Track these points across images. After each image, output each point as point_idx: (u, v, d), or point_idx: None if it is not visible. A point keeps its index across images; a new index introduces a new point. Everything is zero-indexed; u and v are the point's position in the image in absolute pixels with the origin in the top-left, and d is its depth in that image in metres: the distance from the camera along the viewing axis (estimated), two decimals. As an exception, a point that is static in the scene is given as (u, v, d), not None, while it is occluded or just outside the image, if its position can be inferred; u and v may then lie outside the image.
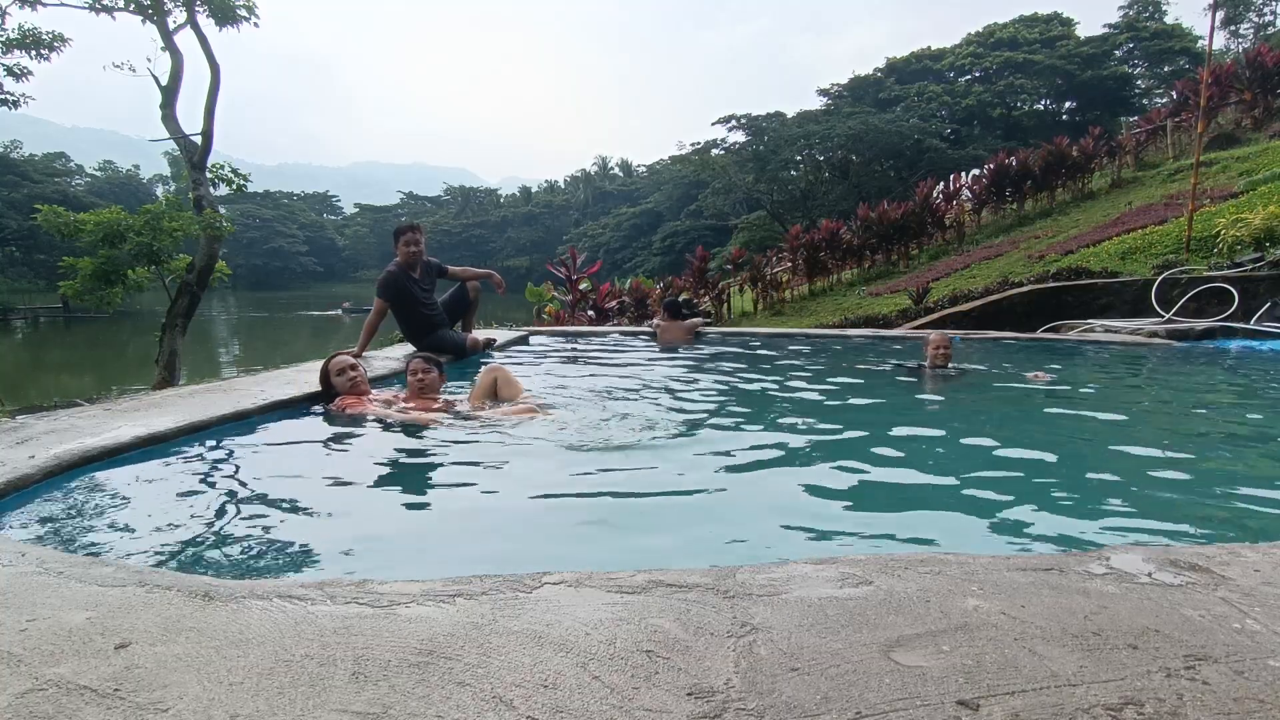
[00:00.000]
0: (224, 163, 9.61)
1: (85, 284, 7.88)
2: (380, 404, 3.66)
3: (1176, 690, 1.06)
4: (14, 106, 8.93)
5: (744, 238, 38.00)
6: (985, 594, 1.37)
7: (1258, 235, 8.55)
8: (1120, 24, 43.95)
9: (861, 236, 16.73)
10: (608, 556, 2.00)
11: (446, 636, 1.22)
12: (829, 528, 2.21)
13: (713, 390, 4.47)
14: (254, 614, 1.31)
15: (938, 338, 5.27)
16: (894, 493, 2.52)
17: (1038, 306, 8.83)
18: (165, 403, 3.44)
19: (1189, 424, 3.62)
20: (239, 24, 9.08)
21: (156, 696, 1.06)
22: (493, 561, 1.89)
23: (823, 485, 2.59)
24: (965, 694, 1.06)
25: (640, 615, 1.29)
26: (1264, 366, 5.52)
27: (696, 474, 2.71)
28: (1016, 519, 2.25)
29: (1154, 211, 12.89)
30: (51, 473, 2.37)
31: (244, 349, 25.84)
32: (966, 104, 42.18)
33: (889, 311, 11.09)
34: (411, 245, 5.60)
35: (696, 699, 1.05)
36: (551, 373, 5.38)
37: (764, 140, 40.10)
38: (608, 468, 2.77)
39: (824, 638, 1.21)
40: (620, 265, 51.92)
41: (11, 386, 14.90)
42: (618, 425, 3.41)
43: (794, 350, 6.57)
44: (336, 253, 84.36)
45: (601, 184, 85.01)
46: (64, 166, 66.93)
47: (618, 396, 4.11)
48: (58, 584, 1.46)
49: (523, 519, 2.31)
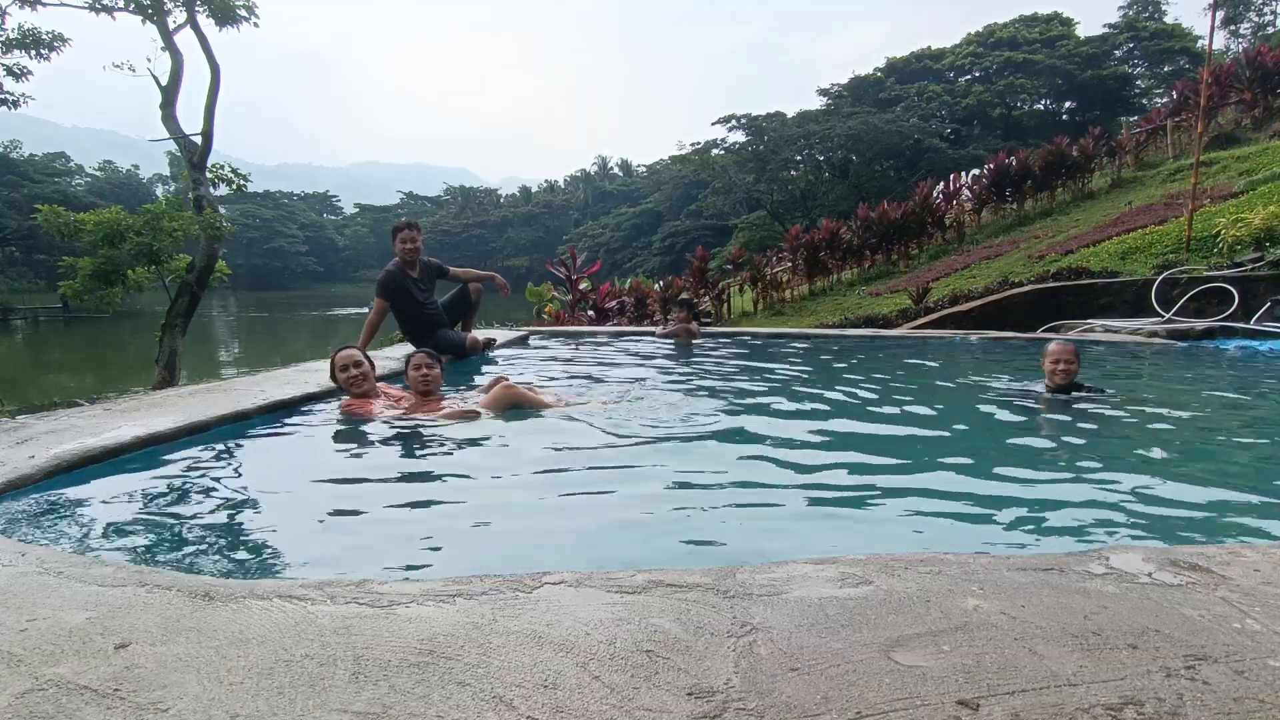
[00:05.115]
0: (224, 163, 9.60)
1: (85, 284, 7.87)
2: (381, 406, 3.66)
3: (1176, 690, 1.06)
4: (14, 106, 8.92)
5: (744, 238, 38.01)
6: (985, 594, 1.37)
7: (1258, 235, 8.55)
8: (1120, 24, 43.96)
9: (861, 236, 16.72)
10: (608, 557, 1.99)
11: (446, 636, 1.22)
12: (829, 527, 2.22)
13: (713, 390, 4.47)
14: (254, 614, 1.31)
15: (1058, 347, 3.95)
16: (894, 492, 2.52)
17: (1038, 306, 8.83)
18: (165, 403, 3.44)
19: (1189, 423, 3.62)
20: (239, 24, 9.07)
21: (156, 696, 1.06)
22: (493, 561, 1.89)
23: (823, 484, 2.59)
24: (965, 694, 1.06)
25: (640, 615, 1.29)
26: (1264, 366, 5.52)
27: (697, 473, 2.71)
28: (1016, 519, 2.25)
29: (1154, 211, 12.88)
30: (51, 473, 2.37)
31: (244, 349, 25.84)
32: (966, 104, 42.18)
33: (889, 311, 11.09)
34: (408, 242, 5.60)
35: (696, 699, 1.05)
36: (551, 372, 5.37)
37: (764, 140, 40.12)
38: (608, 467, 2.77)
39: (824, 638, 1.21)
40: (620, 265, 51.91)
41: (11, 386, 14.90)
42: (618, 425, 3.41)
43: (793, 351, 6.57)
44: (336, 253, 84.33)
45: (601, 184, 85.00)
46: (64, 166, 66.95)
47: (618, 397, 4.10)
48: (58, 584, 1.46)
49: (523, 519, 2.31)
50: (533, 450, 3.06)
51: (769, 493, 2.50)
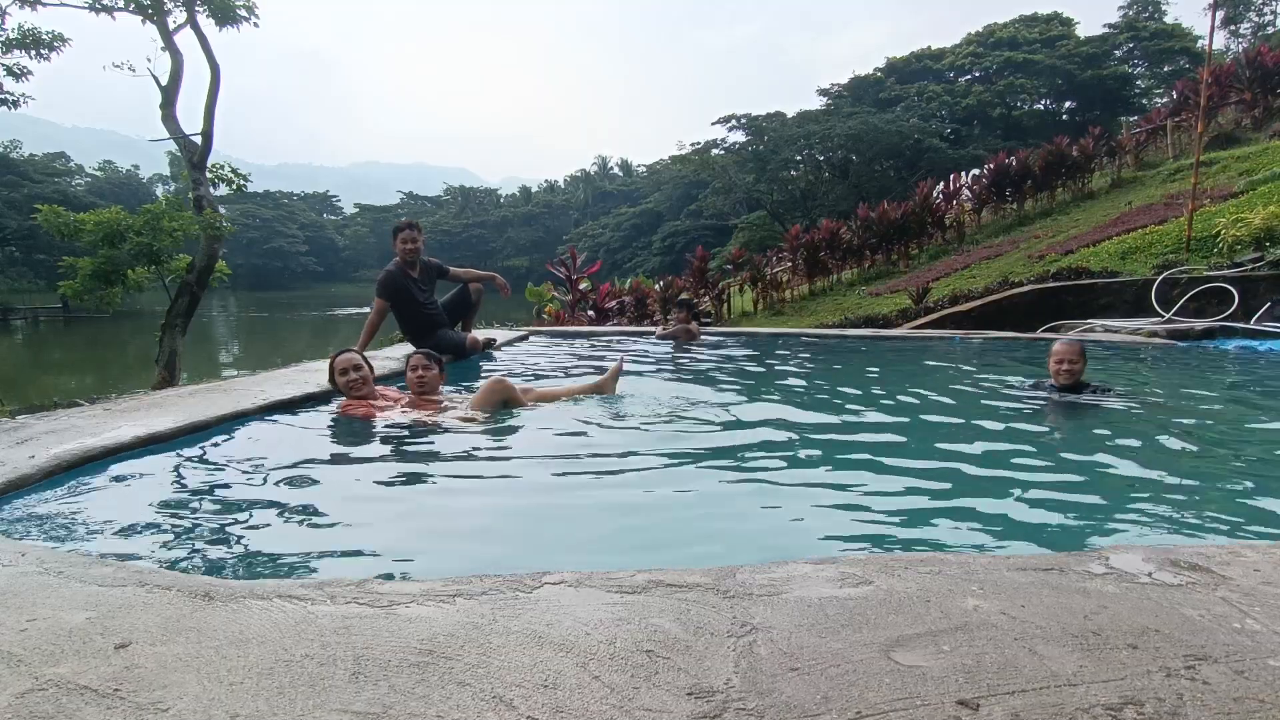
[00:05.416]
0: (224, 163, 9.61)
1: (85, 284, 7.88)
2: (379, 408, 3.66)
3: (1176, 690, 1.06)
4: (14, 106, 8.92)
5: (744, 238, 38.01)
6: (985, 594, 1.37)
7: (1258, 235, 8.55)
8: (1120, 24, 43.95)
9: (861, 236, 16.73)
10: (608, 556, 1.99)
11: (446, 636, 1.22)
12: (829, 527, 2.21)
13: (712, 390, 4.47)
14: (254, 614, 1.31)
15: (1062, 347, 3.94)
16: (894, 492, 2.52)
17: (1038, 306, 8.83)
18: (165, 403, 3.44)
19: (1189, 424, 3.62)
20: (239, 24, 9.08)
21: (156, 696, 1.06)
22: (493, 561, 1.89)
23: (823, 484, 2.59)
24: (965, 694, 1.06)
25: (640, 615, 1.30)
26: (1263, 366, 5.52)
27: (697, 473, 2.71)
28: (1016, 519, 2.25)
29: (1154, 211, 12.88)
30: (51, 473, 2.37)
31: (244, 349, 25.84)
32: (966, 104, 42.17)
33: (889, 311, 11.09)
34: (409, 242, 5.60)
35: (696, 699, 1.05)
36: (550, 373, 5.37)
37: (764, 140, 40.12)
38: (608, 467, 2.77)
39: (824, 638, 1.21)
40: (620, 265, 51.91)
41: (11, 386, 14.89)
42: (618, 425, 3.41)
43: (794, 350, 6.57)
44: (336, 253, 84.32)
45: (601, 184, 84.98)
46: (64, 166, 66.93)
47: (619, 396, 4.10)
48: (58, 584, 1.46)
49: (523, 519, 2.31)
50: (530, 450, 3.06)
51: (769, 493, 2.49)
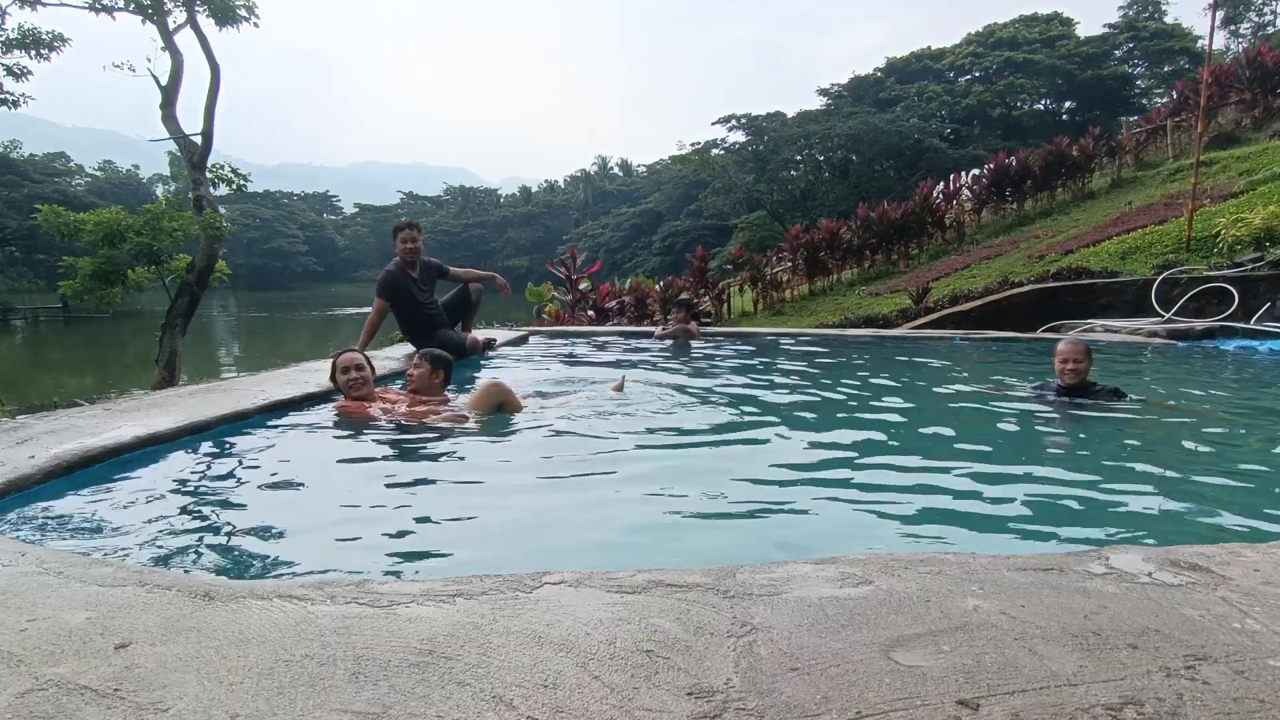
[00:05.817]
0: (224, 163, 9.60)
1: (85, 284, 7.87)
2: (380, 408, 3.66)
3: (1176, 690, 1.06)
4: (14, 106, 8.91)
5: (744, 238, 38.00)
6: (985, 594, 1.37)
7: (1258, 235, 8.55)
8: (1120, 24, 43.95)
9: (861, 236, 16.72)
10: (608, 557, 1.99)
11: (446, 636, 1.22)
12: (829, 527, 2.21)
13: (712, 390, 4.47)
14: (254, 614, 1.31)
15: (1067, 347, 3.90)
16: (894, 492, 2.52)
17: (1038, 306, 8.83)
18: (165, 403, 3.44)
19: (1189, 424, 3.62)
20: (239, 24, 9.06)
21: (156, 696, 1.06)
22: (493, 561, 1.89)
23: (823, 484, 2.59)
24: (965, 694, 1.06)
25: (640, 615, 1.29)
26: (1264, 366, 5.52)
27: (697, 473, 2.71)
28: (1016, 519, 2.25)
29: (1154, 211, 12.87)
30: (51, 473, 2.37)
31: (244, 349, 25.83)
32: (966, 104, 42.17)
33: (889, 311, 11.08)
34: (408, 242, 5.61)
35: (696, 699, 1.05)
36: (551, 372, 5.37)
37: (764, 140, 40.12)
38: (608, 468, 2.77)
39: (824, 637, 1.21)
40: (620, 265, 51.90)
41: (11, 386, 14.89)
42: (618, 425, 3.41)
43: (794, 350, 6.57)
44: (336, 253, 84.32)
45: (601, 184, 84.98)
46: (64, 166, 66.94)
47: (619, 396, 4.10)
48: (58, 584, 1.46)
49: (523, 519, 2.31)
50: (530, 450, 3.06)
51: (769, 493, 2.49)
